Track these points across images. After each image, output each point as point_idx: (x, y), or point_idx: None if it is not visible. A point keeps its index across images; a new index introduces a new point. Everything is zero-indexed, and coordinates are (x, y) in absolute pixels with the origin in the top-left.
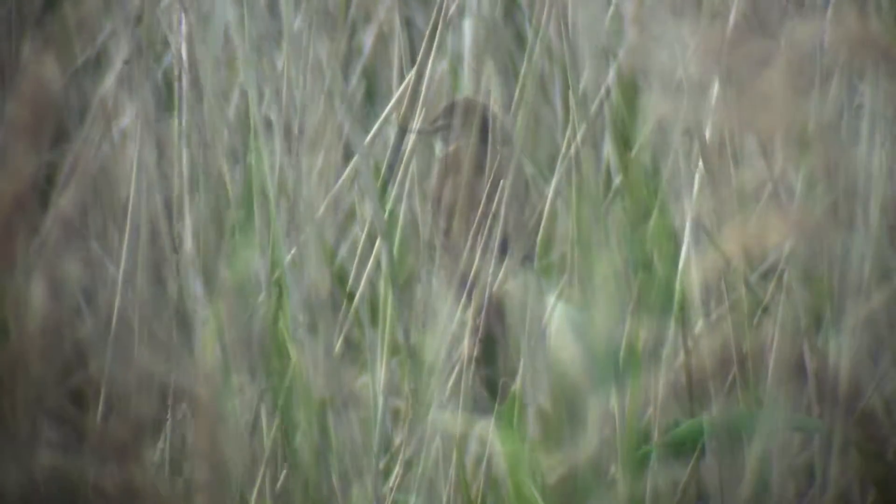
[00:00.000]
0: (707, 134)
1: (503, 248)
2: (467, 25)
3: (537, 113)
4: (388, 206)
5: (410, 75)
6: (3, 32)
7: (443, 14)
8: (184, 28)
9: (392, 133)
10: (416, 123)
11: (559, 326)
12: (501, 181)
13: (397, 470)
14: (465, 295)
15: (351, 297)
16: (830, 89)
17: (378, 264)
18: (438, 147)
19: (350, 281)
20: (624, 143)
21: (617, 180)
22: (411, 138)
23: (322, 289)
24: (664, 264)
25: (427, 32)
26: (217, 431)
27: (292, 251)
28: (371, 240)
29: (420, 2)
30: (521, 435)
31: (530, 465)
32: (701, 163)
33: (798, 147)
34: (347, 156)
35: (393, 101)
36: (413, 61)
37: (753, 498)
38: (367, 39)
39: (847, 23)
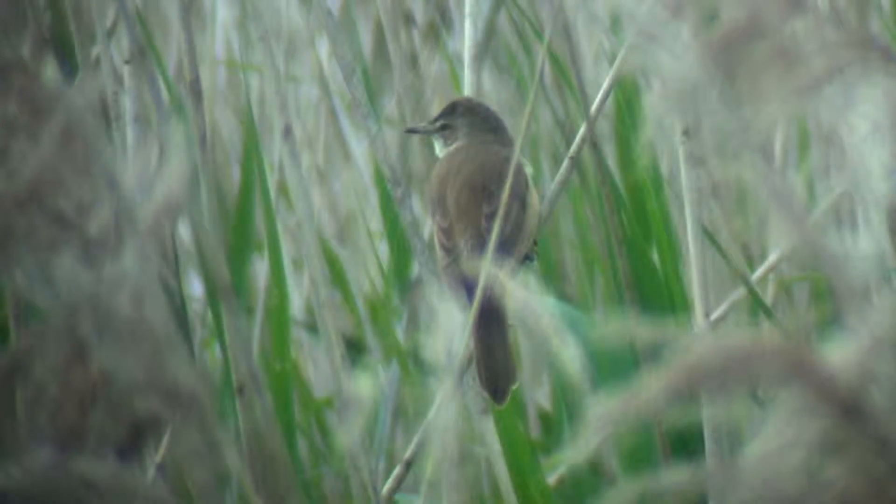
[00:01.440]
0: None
1: (503, 248)
2: (467, 25)
3: (537, 113)
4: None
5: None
6: (3, 32)
7: (442, 14)
8: (184, 28)
9: (392, 133)
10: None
11: (559, 326)
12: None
13: (397, 470)
14: (465, 295)
15: (351, 297)
16: (830, 89)
17: (379, 264)
18: (438, 147)
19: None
20: (624, 143)
21: (617, 180)
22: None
23: (322, 289)
24: (664, 264)
25: (427, 32)
26: (216, 432)
27: (292, 252)
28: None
29: (420, 1)
30: (521, 435)
31: (530, 465)
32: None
33: (798, 147)
34: (347, 156)
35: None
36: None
37: (753, 498)
38: (367, 39)
39: (847, 23)
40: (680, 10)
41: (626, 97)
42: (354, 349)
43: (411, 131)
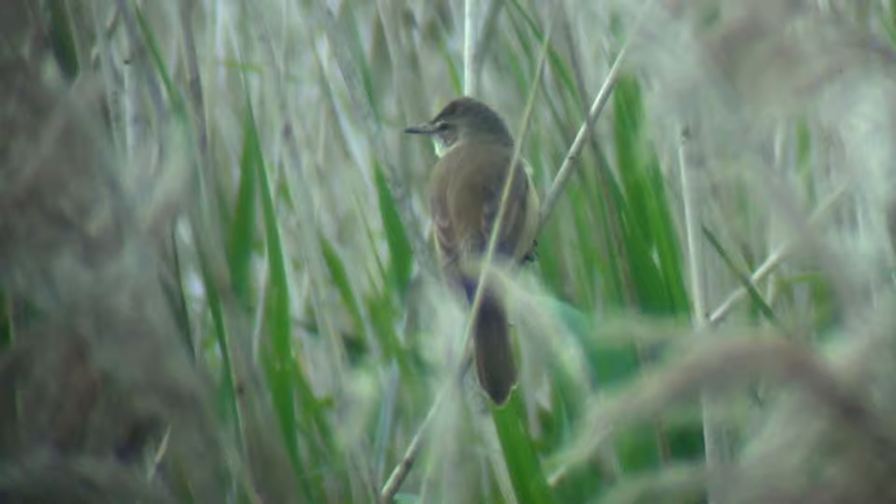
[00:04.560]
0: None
1: (503, 248)
2: (467, 25)
3: (537, 113)
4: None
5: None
6: (3, 32)
7: (442, 14)
8: (184, 28)
9: (392, 133)
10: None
11: (559, 326)
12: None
13: (397, 470)
14: (465, 295)
15: (351, 297)
16: (830, 89)
17: (379, 264)
18: (438, 147)
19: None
20: (624, 143)
21: (617, 180)
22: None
23: (322, 289)
24: (664, 264)
25: (427, 32)
26: (216, 432)
27: (292, 252)
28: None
29: (420, 1)
30: (521, 435)
31: (530, 465)
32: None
33: (798, 147)
34: (347, 156)
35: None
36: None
37: (753, 498)
38: (367, 39)
39: (847, 23)
40: (680, 10)
41: (626, 97)
42: (354, 349)
43: (411, 131)
